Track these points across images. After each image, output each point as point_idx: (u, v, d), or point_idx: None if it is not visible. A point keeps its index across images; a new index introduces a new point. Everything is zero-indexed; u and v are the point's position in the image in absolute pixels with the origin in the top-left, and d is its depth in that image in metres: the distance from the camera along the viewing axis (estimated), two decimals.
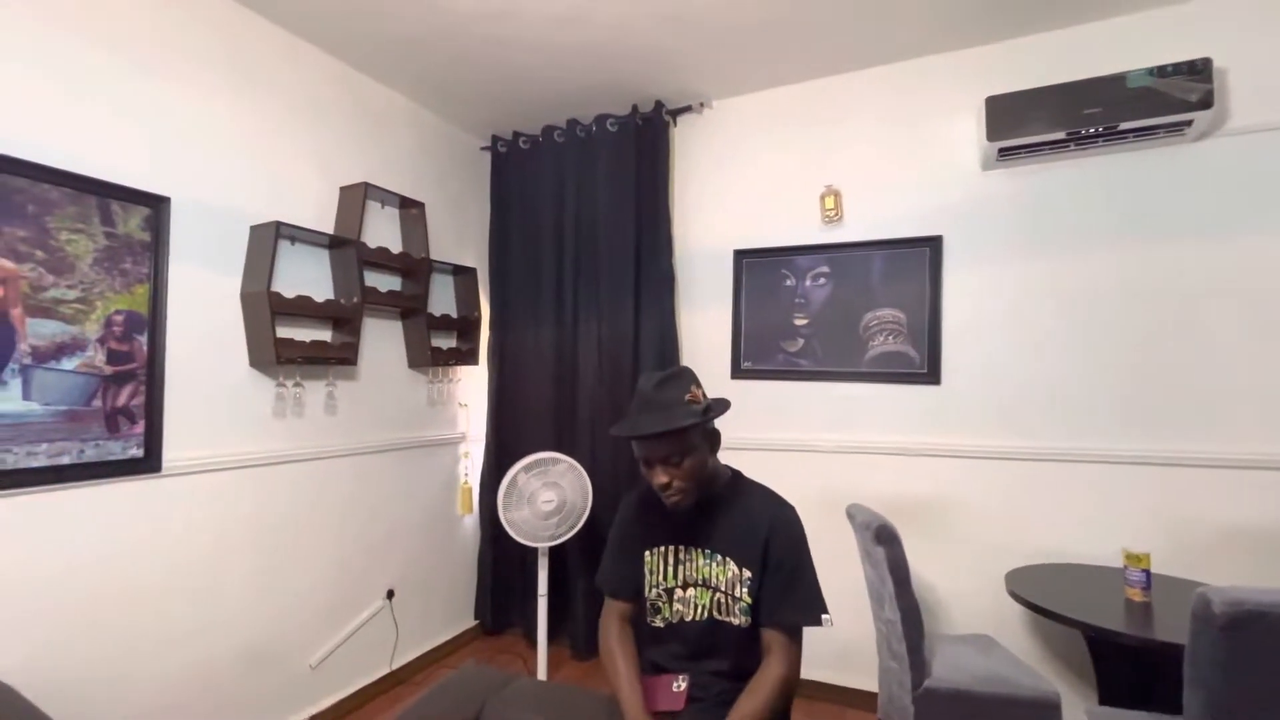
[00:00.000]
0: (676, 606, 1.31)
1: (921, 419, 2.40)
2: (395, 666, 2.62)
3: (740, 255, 2.73)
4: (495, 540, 3.00)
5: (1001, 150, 2.20)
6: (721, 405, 1.32)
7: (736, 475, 1.40)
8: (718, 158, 2.80)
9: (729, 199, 2.78)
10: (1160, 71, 1.96)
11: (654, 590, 1.33)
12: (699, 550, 1.31)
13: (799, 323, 2.62)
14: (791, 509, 1.31)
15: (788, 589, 1.23)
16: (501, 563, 3.06)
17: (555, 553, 2.71)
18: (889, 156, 2.49)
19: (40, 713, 1.35)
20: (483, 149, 3.22)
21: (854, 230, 2.54)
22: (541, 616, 2.39)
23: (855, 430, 2.49)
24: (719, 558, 1.29)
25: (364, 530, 2.51)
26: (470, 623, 3.10)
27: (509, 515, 2.26)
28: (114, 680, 1.72)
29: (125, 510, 1.76)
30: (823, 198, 2.57)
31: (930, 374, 2.39)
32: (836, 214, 2.55)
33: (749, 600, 1.25)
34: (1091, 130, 2.05)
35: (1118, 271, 2.15)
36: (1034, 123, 2.10)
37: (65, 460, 1.63)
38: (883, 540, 1.83)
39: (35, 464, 1.57)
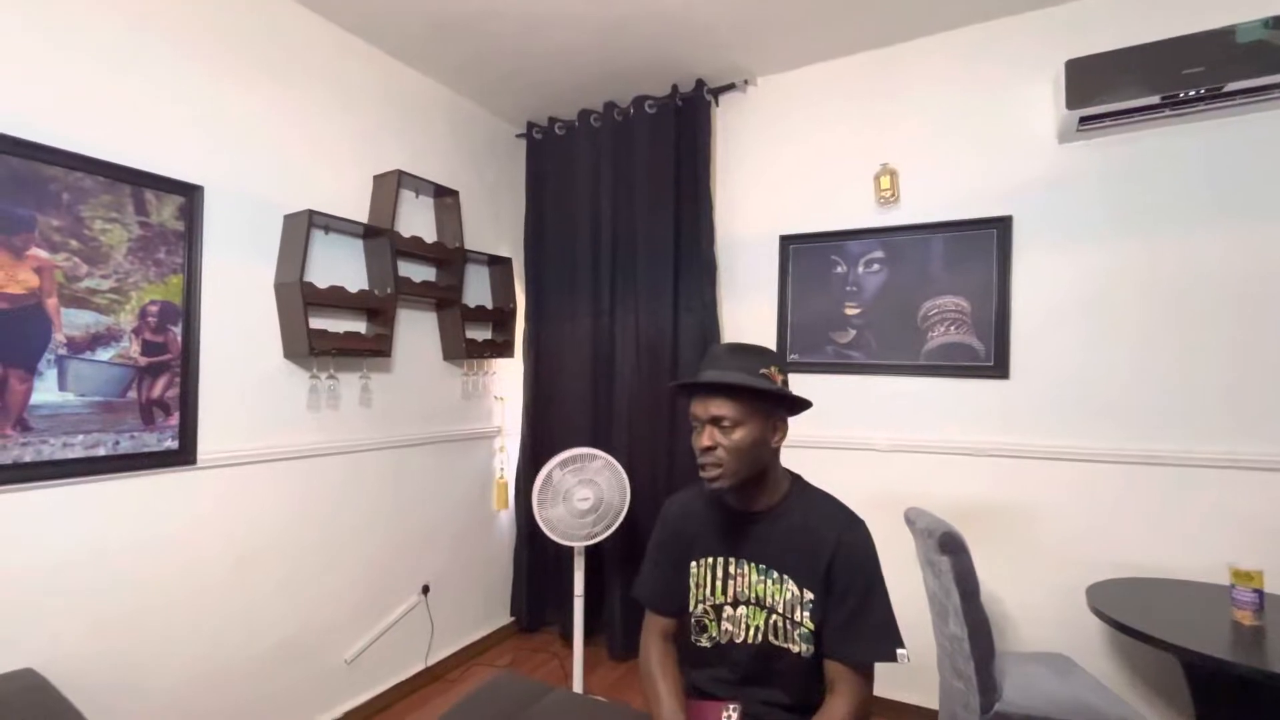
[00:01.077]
0: (725, 625, 1.17)
1: (987, 416, 2.20)
2: (431, 663, 2.59)
3: (787, 241, 2.58)
4: (531, 537, 2.94)
5: (1083, 119, 1.98)
6: (802, 401, 1.16)
7: (798, 481, 1.24)
8: (763, 138, 2.64)
9: (775, 182, 2.62)
10: (1278, 23, 1.72)
11: (699, 606, 1.20)
12: (752, 564, 1.17)
13: (850, 312, 2.45)
14: (862, 526, 1.14)
15: (856, 619, 1.07)
16: (537, 560, 2.99)
17: (592, 552, 2.62)
18: (952, 131, 2.29)
19: (72, 706, 1.34)
20: (518, 136, 3.14)
21: (912, 212, 2.35)
22: (578, 618, 2.31)
23: (912, 428, 2.32)
24: (775, 575, 1.14)
25: (399, 524, 2.47)
26: (506, 619, 3.05)
27: (544, 513, 2.18)
28: (147, 673, 1.71)
29: (160, 502, 1.74)
30: (877, 178, 2.39)
31: (997, 367, 2.19)
32: (892, 195, 2.36)
33: (810, 626, 1.10)
34: (1191, 93, 1.82)
35: (1220, 255, 1.91)
36: (1122, 86, 1.88)
37: (101, 451, 1.62)
38: (948, 549, 1.67)
39: (71, 455, 1.56)
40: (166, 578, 1.76)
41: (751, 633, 1.14)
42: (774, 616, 1.13)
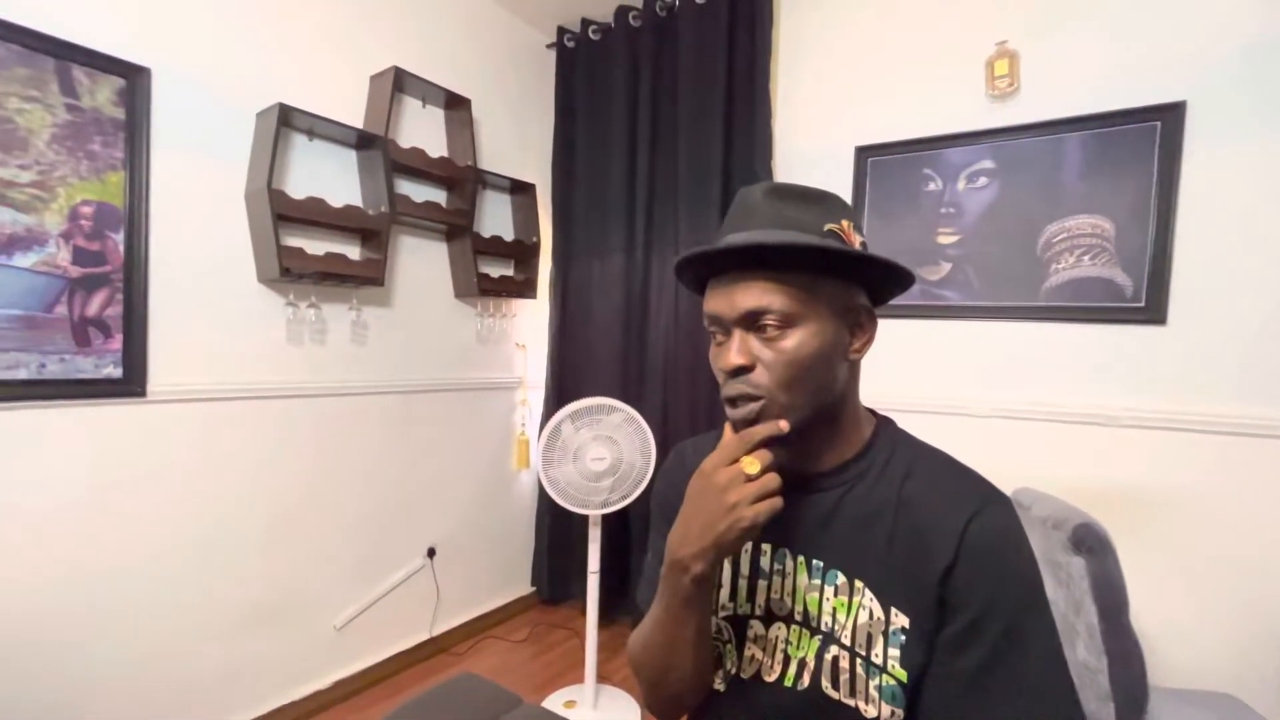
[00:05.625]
0: (750, 653, 0.69)
1: (1131, 374, 1.67)
2: (436, 633, 2.33)
3: (864, 153, 2.07)
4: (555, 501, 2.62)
5: None
6: (898, 275, 0.65)
7: (889, 429, 0.71)
8: (839, 20, 2.12)
9: (852, 79, 2.10)
10: None
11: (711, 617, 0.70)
12: (800, 559, 0.68)
13: (945, 241, 1.93)
14: (1005, 510, 0.62)
15: (993, 670, 0.58)
16: (561, 526, 2.67)
17: (615, 520, 2.28)
18: None
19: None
20: (548, 47, 2.73)
21: (1036, 105, 1.79)
22: (592, 597, 1.97)
23: (1025, 387, 1.80)
24: (839, 580, 0.65)
25: (400, 479, 2.20)
26: (526, 589, 2.77)
27: (550, 472, 1.83)
28: (100, 637, 1.49)
29: (101, 439, 1.50)
30: (991, 63, 1.83)
31: (1150, 310, 1.64)
32: (1011, 84, 1.81)
33: (901, 675, 0.61)
34: None
35: None
36: None
37: (21, 374, 1.37)
38: (1085, 547, 1.21)
39: None
40: (117, 526, 1.53)
41: (794, 670, 0.66)
42: (834, 649, 0.64)
